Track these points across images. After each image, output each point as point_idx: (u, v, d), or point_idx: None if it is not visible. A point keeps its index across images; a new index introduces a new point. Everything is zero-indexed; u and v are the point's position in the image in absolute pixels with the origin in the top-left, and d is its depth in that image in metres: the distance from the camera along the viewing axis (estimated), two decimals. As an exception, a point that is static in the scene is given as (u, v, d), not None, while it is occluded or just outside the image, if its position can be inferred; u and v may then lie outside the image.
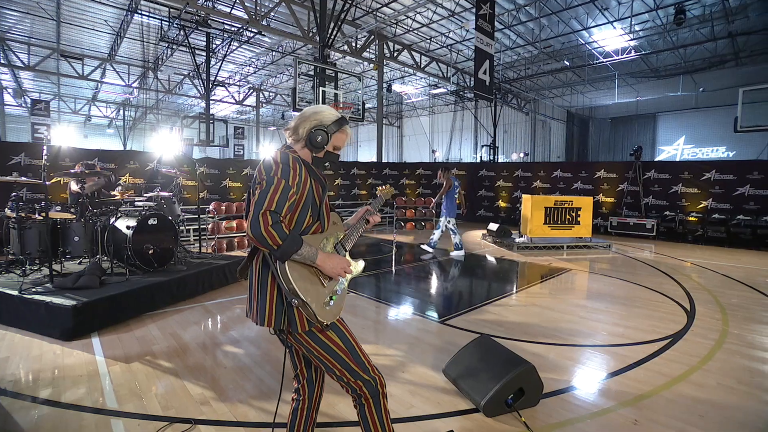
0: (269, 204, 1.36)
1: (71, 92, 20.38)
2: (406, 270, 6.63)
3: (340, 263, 1.52)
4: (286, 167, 1.44)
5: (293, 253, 1.38)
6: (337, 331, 1.56)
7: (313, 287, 1.47)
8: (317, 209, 1.56)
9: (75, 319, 3.40)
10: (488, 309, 4.47)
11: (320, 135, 1.54)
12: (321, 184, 1.59)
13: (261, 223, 1.33)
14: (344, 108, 8.74)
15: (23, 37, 14.34)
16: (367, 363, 1.59)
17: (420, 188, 14.34)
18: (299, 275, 1.43)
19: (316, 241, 1.53)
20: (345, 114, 8.83)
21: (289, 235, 1.38)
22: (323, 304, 1.49)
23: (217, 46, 14.48)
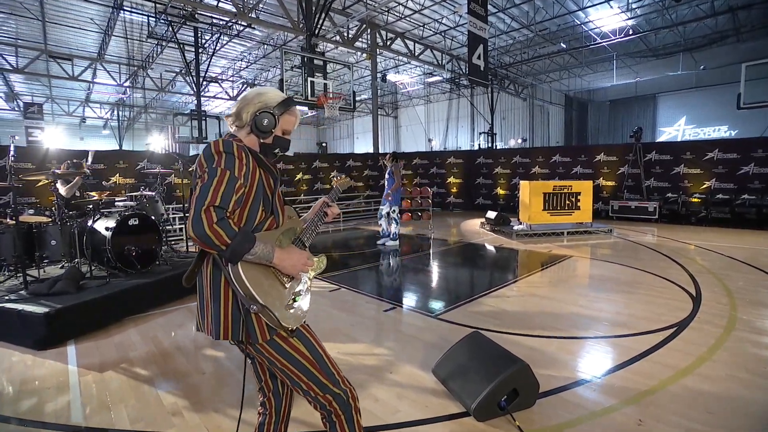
0: (213, 198, 1.18)
1: (64, 94, 20.14)
2: (403, 262, 6.46)
3: (300, 259, 1.35)
4: (231, 156, 1.26)
5: (245, 252, 1.21)
6: (303, 339, 1.38)
7: (273, 289, 1.30)
8: (270, 202, 1.39)
9: (48, 327, 3.25)
10: (485, 301, 4.29)
11: (266, 118, 1.37)
12: (272, 175, 1.42)
13: (204, 220, 1.15)
14: (334, 98, 8.50)
15: (9, 38, 14.09)
16: (336, 374, 1.42)
17: (417, 178, 14.14)
18: (255, 277, 1.26)
19: (272, 238, 1.36)
20: (335, 105, 8.62)
21: (239, 232, 1.20)
22: (286, 307, 1.32)
23: (207, 41, 14.20)
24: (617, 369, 2.76)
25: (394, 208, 7.36)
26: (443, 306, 4.21)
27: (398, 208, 7.43)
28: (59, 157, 8.60)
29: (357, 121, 29.50)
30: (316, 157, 13.65)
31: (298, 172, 12.52)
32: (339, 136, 32.05)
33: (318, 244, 8.31)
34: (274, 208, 1.40)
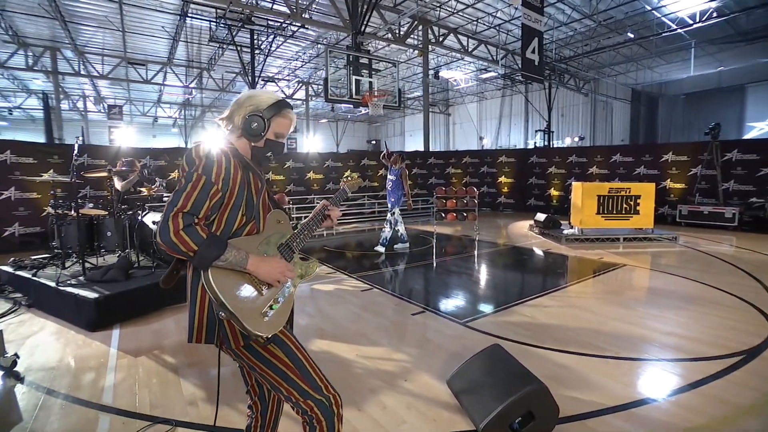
0: (183, 204, 1.18)
1: (140, 96, 22.04)
2: (443, 264, 6.32)
3: (277, 267, 1.31)
4: (210, 161, 1.25)
5: (214, 259, 1.19)
6: (281, 345, 1.35)
7: (246, 296, 1.27)
8: (252, 208, 1.36)
9: (97, 311, 3.54)
10: (520, 309, 4.05)
11: (255, 122, 1.35)
12: (258, 179, 1.40)
13: (170, 227, 1.15)
14: (378, 96, 8.48)
15: (97, 49, 15.64)
16: (319, 380, 1.38)
17: (467, 177, 13.76)
18: (227, 283, 1.24)
19: (253, 244, 1.34)
20: (379, 102, 8.59)
21: (208, 238, 1.19)
22: (260, 314, 1.28)
23: (262, 43, 14.80)
24: (659, 399, 2.46)
25: (395, 211, 6.91)
26: (474, 313, 4.04)
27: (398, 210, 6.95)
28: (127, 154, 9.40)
29: (409, 119, 29.39)
30: (365, 154, 13.75)
31: (346, 170, 12.69)
32: (392, 133, 32.12)
33: (363, 242, 8.38)
34: (256, 214, 1.37)
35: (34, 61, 14.72)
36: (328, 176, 12.55)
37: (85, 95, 20.65)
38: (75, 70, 15.88)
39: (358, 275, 5.55)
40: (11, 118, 20.64)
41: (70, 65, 15.67)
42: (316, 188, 12.30)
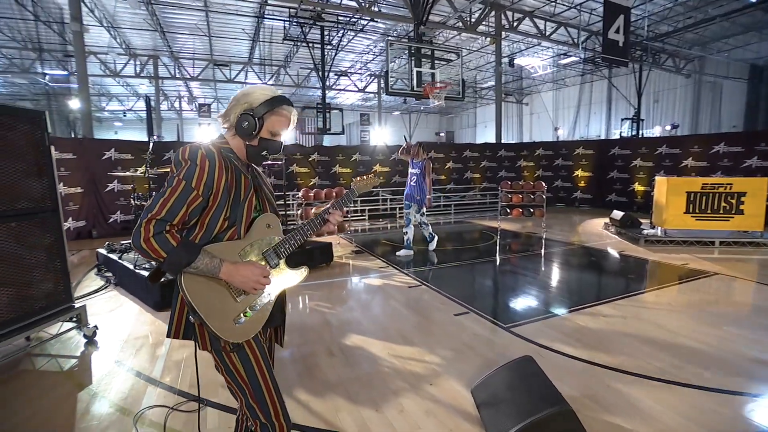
0: (158, 211, 1.18)
1: (225, 94, 23.96)
2: (503, 262, 6.02)
3: (252, 275, 1.28)
4: (192, 165, 1.24)
5: (183, 266, 1.19)
6: (244, 361, 1.33)
7: (219, 302, 1.28)
8: (237, 211, 1.33)
9: (161, 294, 3.93)
10: (574, 317, 3.70)
11: (246, 120, 1.33)
12: (252, 179, 1.39)
13: (141, 233, 1.16)
14: (440, 88, 8.25)
15: (189, 53, 17.30)
16: (271, 406, 1.35)
17: (540, 170, 12.93)
18: (199, 289, 1.25)
19: (234, 249, 1.32)
20: (441, 94, 8.35)
21: (178, 246, 1.18)
22: (232, 321, 1.29)
23: (333, 38, 15.19)
24: (725, 435, 2.09)
25: (423, 211, 6.17)
26: (522, 317, 3.77)
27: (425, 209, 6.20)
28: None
29: (482, 110, 28.34)
30: (431, 146, 13.53)
31: (413, 163, 12.61)
32: (467, 124, 31.27)
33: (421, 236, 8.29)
34: (239, 218, 1.34)
35: (141, 68, 16.68)
36: (394, 169, 12.57)
37: (180, 96, 22.98)
38: (171, 74, 17.72)
39: (410, 271, 5.49)
40: (125, 119, 23.73)
41: (167, 70, 17.52)
42: (382, 181, 12.38)
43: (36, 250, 2.98)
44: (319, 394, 2.52)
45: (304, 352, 3.10)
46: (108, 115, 23.63)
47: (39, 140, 3.03)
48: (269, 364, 1.40)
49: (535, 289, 4.74)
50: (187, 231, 1.30)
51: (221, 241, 1.31)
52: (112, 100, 22.09)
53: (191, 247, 1.21)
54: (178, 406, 2.39)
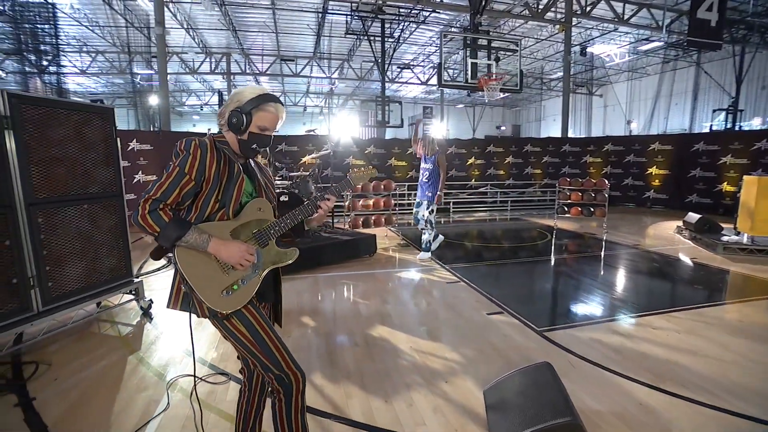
0: (154, 192, 1.36)
1: (292, 88, 25.05)
2: (553, 263, 5.73)
3: (237, 252, 1.41)
4: (186, 154, 1.41)
5: (175, 239, 1.35)
6: (243, 320, 1.46)
7: (209, 274, 1.42)
8: (228, 196, 1.47)
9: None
10: (618, 326, 3.43)
11: (235, 117, 1.46)
12: (241, 168, 1.51)
13: (140, 210, 1.34)
14: (495, 80, 7.92)
15: (258, 50, 18.30)
16: (281, 358, 1.47)
17: (608, 167, 11.98)
18: (191, 261, 1.40)
19: (225, 228, 1.46)
20: (494, 86, 8.02)
21: (170, 221, 1.34)
22: (220, 292, 1.42)
23: (394, 30, 15.19)
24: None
25: (432, 208, 5.62)
26: (558, 321, 3.57)
27: (435, 208, 5.65)
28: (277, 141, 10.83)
29: (551, 103, 26.77)
30: (491, 140, 13.11)
31: (470, 156, 12.34)
32: (533, 118, 29.80)
33: (477, 232, 8.12)
34: (228, 201, 1.46)
35: (215, 65, 17.97)
36: (451, 163, 12.36)
37: (251, 91, 24.44)
38: (242, 70, 18.87)
39: (452, 266, 5.41)
40: (202, 113, 25.75)
41: (239, 66, 18.67)
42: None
43: (103, 230, 3.38)
44: (335, 380, 2.60)
45: (330, 340, 3.20)
46: (187, 109, 25.79)
47: (108, 134, 3.42)
48: (271, 324, 1.52)
49: (581, 293, 4.44)
50: (184, 212, 1.46)
51: (213, 221, 1.45)
52: (191, 96, 24.05)
53: (182, 223, 1.37)
54: (206, 377, 2.60)
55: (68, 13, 12.48)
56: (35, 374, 2.68)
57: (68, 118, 3.08)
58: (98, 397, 2.41)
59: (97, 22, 13.26)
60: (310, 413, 2.25)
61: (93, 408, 2.31)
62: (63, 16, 12.62)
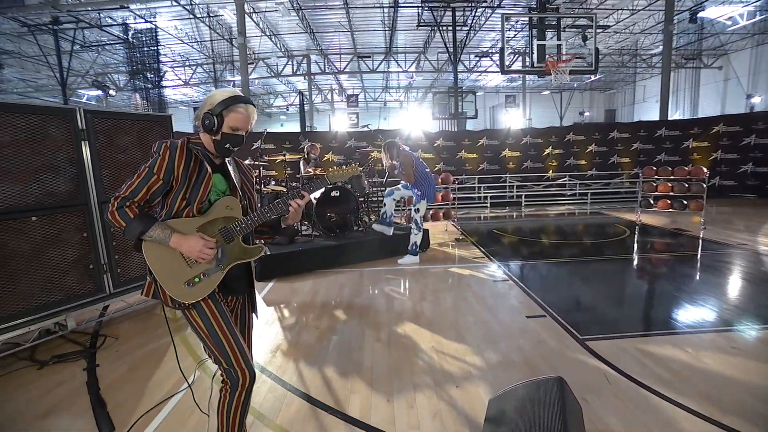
0: (125, 190, 1.48)
1: (370, 85, 25.55)
2: (628, 263, 5.15)
3: (196, 246, 1.49)
4: (156, 156, 1.51)
5: (139, 234, 1.46)
6: (200, 313, 1.55)
7: (173, 266, 1.52)
8: (194, 194, 1.54)
9: (260, 266, 4.58)
10: (683, 341, 2.94)
11: (206, 119, 1.53)
12: (210, 170, 1.57)
13: (109, 207, 1.47)
14: (565, 62, 7.20)
15: (335, 49, 18.99)
16: (231, 354, 1.54)
17: (719, 152, 10.28)
18: (160, 254, 1.51)
19: (192, 225, 1.54)
20: (563, 69, 7.30)
21: (135, 217, 1.45)
22: (183, 284, 1.52)
23: (468, 18, 14.66)
24: None
25: (418, 207, 5.11)
26: (604, 330, 3.18)
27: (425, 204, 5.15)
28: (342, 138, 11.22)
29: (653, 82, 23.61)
30: (571, 128, 12.04)
31: (547, 146, 11.51)
32: (632, 100, 26.64)
33: (549, 228, 7.60)
34: (193, 199, 1.54)
35: (296, 67, 19.06)
36: (526, 154, 11.68)
37: (332, 89, 25.46)
38: (322, 70, 19.74)
39: (505, 264, 5.13)
40: (288, 113, 27.54)
41: (318, 66, 19.57)
42: (512, 167, 11.67)
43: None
44: (344, 373, 2.64)
45: (354, 334, 3.25)
46: (275, 110, 27.76)
47: (167, 137, 3.85)
48: (228, 320, 1.58)
49: (647, 299, 3.91)
50: (158, 209, 1.58)
51: (181, 217, 1.55)
52: (278, 98, 25.84)
53: (146, 219, 1.48)
54: (231, 362, 2.82)
55: (173, 33, 14.21)
56: (103, 345, 3.15)
57: (132, 127, 3.53)
58: (142, 370, 2.75)
59: (195, 39, 14.88)
60: (309, 402, 2.32)
61: (136, 379, 2.65)
62: (169, 37, 14.44)
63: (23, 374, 2.77)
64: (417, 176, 5.05)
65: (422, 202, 5.11)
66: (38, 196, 2.98)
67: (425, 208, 5.23)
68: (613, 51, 19.99)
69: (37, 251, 2.95)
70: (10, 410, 2.37)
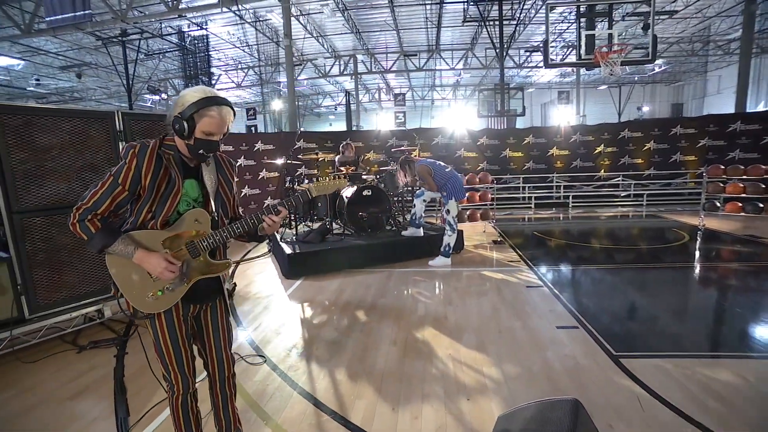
0: (88, 200, 1.40)
1: (418, 83, 25.36)
2: (683, 271, 4.70)
3: (158, 265, 1.43)
4: (122, 163, 1.41)
5: (102, 247, 1.41)
6: (152, 326, 1.53)
7: (137, 279, 1.47)
8: (162, 205, 1.46)
9: (289, 264, 4.66)
10: (742, 368, 2.58)
11: (176, 123, 1.41)
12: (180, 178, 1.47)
13: (71, 217, 1.40)
14: (617, 51, 6.63)
15: (382, 49, 19.04)
16: (170, 366, 1.57)
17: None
18: (123, 265, 1.46)
19: (158, 238, 1.47)
20: (615, 60, 6.72)
21: (98, 232, 1.39)
22: (146, 296, 1.48)
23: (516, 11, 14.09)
24: None
25: (448, 208, 5.02)
26: (644, 347, 2.88)
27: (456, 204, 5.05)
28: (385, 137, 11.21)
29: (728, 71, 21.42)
30: (626, 125, 11.17)
31: (599, 144, 10.79)
32: (702, 93, 24.33)
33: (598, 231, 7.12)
34: (158, 212, 1.46)
35: (344, 67, 19.33)
36: (575, 152, 11.04)
37: (379, 88, 25.58)
38: (368, 69, 19.87)
39: (541, 268, 4.85)
40: (336, 112, 28.05)
41: (365, 66, 19.71)
42: (560, 166, 11.07)
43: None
44: (354, 378, 2.58)
45: (372, 336, 3.19)
46: (324, 110, 28.38)
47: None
48: (175, 334, 1.55)
49: (701, 314, 3.50)
50: (127, 213, 1.51)
51: (146, 228, 1.48)
52: (326, 97, 26.38)
53: (108, 233, 1.41)
54: (246, 357, 2.87)
55: (225, 38, 14.94)
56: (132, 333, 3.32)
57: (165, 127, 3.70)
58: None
59: (246, 43, 15.55)
60: (314, 405, 2.30)
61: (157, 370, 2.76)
62: (222, 42, 15.20)
63: (64, 357, 2.99)
64: (438, 180, 5.01)
65: (451, 202, 5.00)
66: (80, 193, 3.18)
67: (456, 207, 5.07)
68: (681, 38, 18.35)
69: (78, 244, 3.17)
70: (46, 390, 2.56)
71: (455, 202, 5.04)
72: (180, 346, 1.57)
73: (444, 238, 5.11)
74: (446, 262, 5.09)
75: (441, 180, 5.01)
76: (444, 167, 5.14)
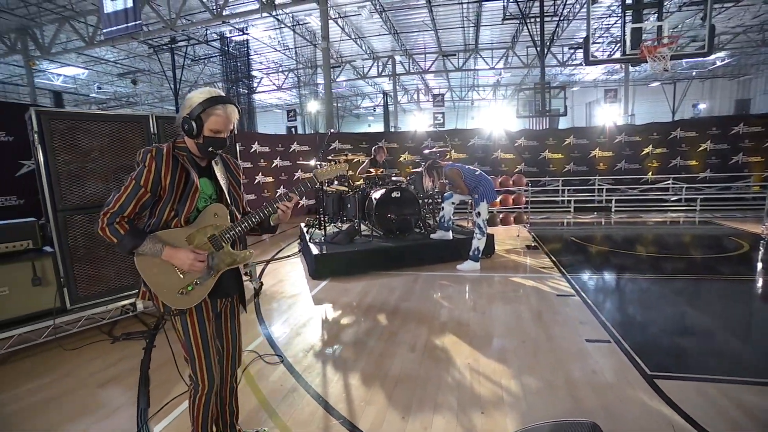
0: (113, 205, 1.46)
1: (457, 83, 25.00)
2: (740, 284, 4.35)
3: (187, 259, 1.50)
4: (142, 167, 1.48)
5: (132, 248, 1.48)
6: (184, 324, 1.59)
7: (166, 276, 1.54)
8: (183, 203, 1.53)
9: (316, 264, 4.70)
10: (792, 393, 2.31)
11: (186, 123, 1.48)
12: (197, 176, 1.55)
13: (99, 222, 1.49)
14: (668, 45, 6.15)
15: (420, 49, 18.93)
16: (198, 365, 1.61)
17: None
18: (149, 265, 1.53)
19: (181, 235, 1.54)
20: (665, 54, 6.23)
21: (126, 233, 1.46)
22: (176, 292, 1.54)
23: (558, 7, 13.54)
24: None
25: (479, 210, 4.89)
26: (686, 367, 2.64)
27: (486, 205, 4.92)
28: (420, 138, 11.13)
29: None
30: (678, 124, 10.42)
31: (647, 145, 10.16)
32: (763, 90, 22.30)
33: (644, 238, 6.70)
34: (180, 210, 1.53)
35: (382, 68, 19.40)
36: (619, 153, 10.48)
37: (418, 89, 25.47)
38: (406, 70, 19.82)
39: (575, 276, 4.61)
40: (375, 113, 28.20)
41: (403, 67, 19.68)
42: (603, 168, 10.53)
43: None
44: (368, 382, 2.55)
45: (391, 341, 3.15)
46: (363, 111, 28.63)
47: (233, 139, 4.13)
48: (205, 333, 1.61)
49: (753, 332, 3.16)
50: (146, 217, 1.58)
51: (170, 227, 1.56)
52: (365, 99, 26.58)
53: (137, 234, 1.49)
54: (264, 356, 2.91)
55: (267, 42, 15.42)
56: (160, 327, 3.47)
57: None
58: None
59: (286, 46, 15.96)
60: (324, 408, 2.29)
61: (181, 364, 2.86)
62: (263, 46, 15.70)
63: (98, 347, 3.18)
64: (469, 183, 4.93)
65: (482, 204, 4.88)
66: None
67: (487, 210, 4.94)
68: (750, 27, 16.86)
69: (115, 241, 3.36)
70: (79, 377, 2.72)
71: (486, 205, 4.91)
72: (209, 343, 1.63)
73: (473, 242, 4.98)
74: (475, 267, 4.96)
75: (472, 182, 4.93)
76: (473, 170, 5.03)
